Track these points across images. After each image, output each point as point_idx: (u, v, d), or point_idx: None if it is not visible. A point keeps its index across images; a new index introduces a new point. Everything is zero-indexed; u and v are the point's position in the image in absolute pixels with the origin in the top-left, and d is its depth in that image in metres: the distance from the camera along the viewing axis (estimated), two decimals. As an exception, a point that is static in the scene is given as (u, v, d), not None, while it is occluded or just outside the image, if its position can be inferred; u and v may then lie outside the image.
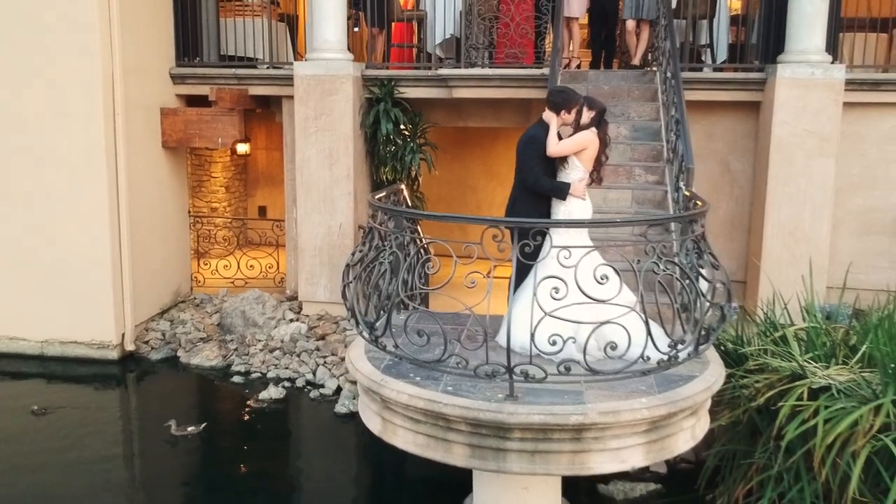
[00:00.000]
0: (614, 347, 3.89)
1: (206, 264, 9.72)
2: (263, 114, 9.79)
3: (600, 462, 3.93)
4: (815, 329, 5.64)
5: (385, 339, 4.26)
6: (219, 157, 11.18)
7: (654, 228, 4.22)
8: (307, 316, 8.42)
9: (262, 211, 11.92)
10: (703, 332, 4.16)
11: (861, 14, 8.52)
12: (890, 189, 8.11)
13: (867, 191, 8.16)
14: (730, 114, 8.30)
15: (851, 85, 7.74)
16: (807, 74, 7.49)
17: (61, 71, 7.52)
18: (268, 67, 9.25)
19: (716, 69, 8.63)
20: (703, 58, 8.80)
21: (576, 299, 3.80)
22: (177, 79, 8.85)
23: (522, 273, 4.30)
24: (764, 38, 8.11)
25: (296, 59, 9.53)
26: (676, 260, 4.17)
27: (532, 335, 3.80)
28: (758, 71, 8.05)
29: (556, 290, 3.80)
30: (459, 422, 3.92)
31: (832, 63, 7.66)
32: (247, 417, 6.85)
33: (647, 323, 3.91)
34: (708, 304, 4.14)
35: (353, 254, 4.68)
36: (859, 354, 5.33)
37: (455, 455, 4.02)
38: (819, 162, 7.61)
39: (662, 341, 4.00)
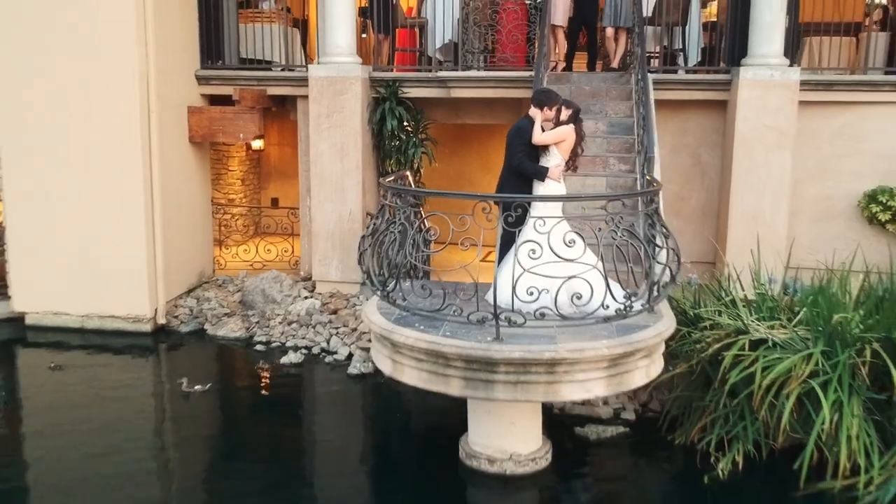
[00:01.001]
0: (580, 297, 4.83)
1: (227, 248, 10.65)
2: (276, 112, 10.69)
3: (570, 391, 4.87)
4: (762, 295, 6.59)
5: (395, 294, 5.19)
6: (235, 152, 12.11)
7: (616, 206, 5.11)
8: (320, 294, 9.35)
9: (275, 202, 12.84)
10: (655, 288, 5.09)
11: (826, 19, 9.39)
12: (842, 179, 9.03)
13: (822, 181, 9.09)
14: (701, 111, 9.22)
15: (807, 85, 8.67)
16: (766, 76, 8.41)
17: (103, 73, 8.43)
18: (282, 69, 10.19)
19: (688, 71, 9.57)
20: (677, 61, 9.72)
21: (549, 259, 4.73)
22: (201, 80, 9.78)
23: (506, 246, 5.24)
24: (730, 43, 9.04)
25: (306, 62, 10.48)
26: (633, 229, 5.10)
27: (514, 287, 4.73)
28: (724, 73, 8.98)
29: (533, 251, 4.73)
30: (456, 359, 4.86)
31: (790, 66, 8.59)
32: (269, 378, 7.79)
33: (605, 278, 4.85)
34: (658, 264, 5.07)
35: (367, 227, 5.61)
36: (798, 317, 6.28)
37: (452, 387, 4.96)
38: (777, 155, 8.53)
39: (619, 294, 4.93)
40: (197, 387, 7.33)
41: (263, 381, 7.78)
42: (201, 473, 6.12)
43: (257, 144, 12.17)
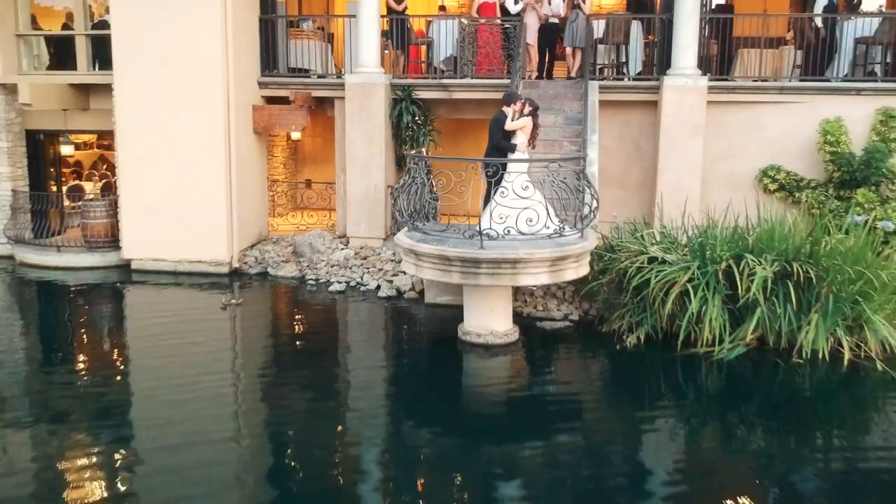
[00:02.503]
0: (530, 220, 7.88)
1: (278, 217, 13.69)
2: (314, 109, 13.67)
3: (525, 279, 7.95)
4: (664, 234, 9.64)
5: (418, 222, 8.26)
6: (278, 142, 15.15)
7: (555, 167, 8.17)
8: (353, 246, 12.38)
9: (308, 182, 15.87)
10: (582, 219, 8.16)
11: (755, 34, 12.39)
12: (745, 159, 12.05)
13: (730, 160, 12.11)
14: (640, 109, 12.24)
15: (715, 89, 11.72)
16: (683, 83, 11.45)
17: (197, 81, 11.47)
18: (318, 77, 13.23)
19: (634, 79, 12.61)
20: (623, 70, 12.77)
21: (513, 197, 7.80)
22: (262, 85, 12.82)
23: (488, 197, 8.29)
24: (660, 58, 12.08)
25: (334, 71, 13.53)
26: (567, 182, 8.16)
27: (490, 214, 7.79)
28: (655, 80, 12.01)
29: (503, 192, 7.80)
30: (456, 260, 7.91)
31: (702, 75, 11.62)
32: (321, 299, 10.83)
33: (547, 210, 7.91)
34: (585, 204, 8.13)
35: (399, 182, 8.68)
36: (687, 248, 9.33)
37: (453, 277, 8.03)
38: (692, 142, 11.56)
39: (556, 220, 8.00)
40: (233, 300, 10.41)
41: (316, 301, 10.83)
42: (264, 352, 9.20)
43: (296, 136, 15.21)
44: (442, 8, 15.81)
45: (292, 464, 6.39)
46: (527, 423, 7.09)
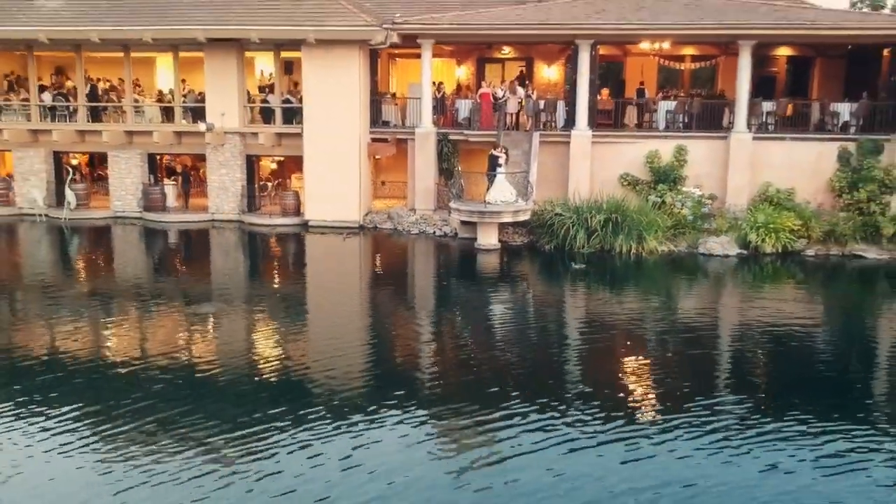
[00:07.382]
0: (505, 197, 20.25)
1: (378, 201, 26.04)
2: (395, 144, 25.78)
3: (503, 219, 20.38)
4: (563, 203, 21.97)
5: (460, 194, 20.64)
6: (371, 161, 27.35)
7: (515, 175, 20.48)
8: (418, 214, 24.55)
9: (383, 182, 28.07)
10: (526, 196, 20.53)
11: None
12: (613, 171, 24.18)
13: (607, 171, 24.22)
14: (562, 146, 24.41)
15: (597, 136, 23.99)
16: (579, 133, 23.72)
17: (346, 129, 23.72)
18: (396, 126, 25.48)
19: (559, 130, 24.88)
20: (554, 126, 25.04)
21: (498, 187, 20.20)
22: (371, 132, 25.03)
23: (489, 186, 20.68)
24: (571, 119, 24.37)
25: (400, 122, 25.78)
26: (521, 177, 20.51)
27: (489, 194, 20.20)
28: (568, 132, 24.25)
29: (494, 185, 20.19)
30: (475, 212, 20.36)
31: (588, 129, 23.89)
32: (404, 237, 23.08)
33: (512, 192, 20.30)
34: (524, 185, 20.50)
35: (451, 180, 21.08)
36: (573, 209, 21.69)
37: (473, 218, 20.46)
38: (584, 163, 23.78)
39: (516, 195, 20.39)
40: (349, 236, 22.67)
41: (403, 238, 23.10)
42: (381, 257, 21.55)
43: (379, 157, 27.44)
44: (458, 87, 28.07)
45: (397, 284, 18.74)
46: (504, 277, 19.45)
